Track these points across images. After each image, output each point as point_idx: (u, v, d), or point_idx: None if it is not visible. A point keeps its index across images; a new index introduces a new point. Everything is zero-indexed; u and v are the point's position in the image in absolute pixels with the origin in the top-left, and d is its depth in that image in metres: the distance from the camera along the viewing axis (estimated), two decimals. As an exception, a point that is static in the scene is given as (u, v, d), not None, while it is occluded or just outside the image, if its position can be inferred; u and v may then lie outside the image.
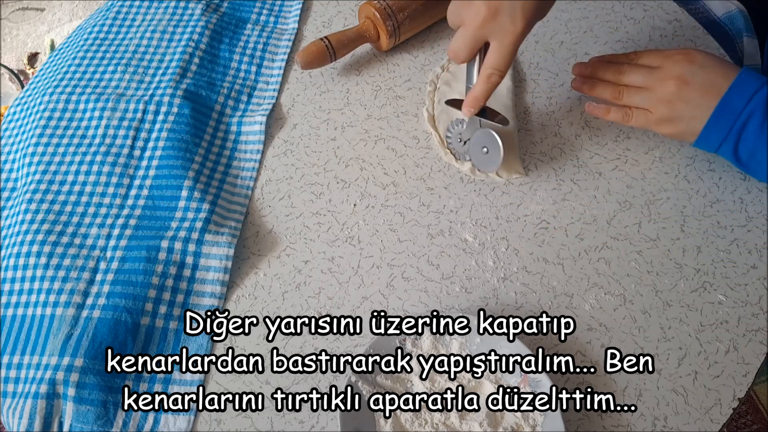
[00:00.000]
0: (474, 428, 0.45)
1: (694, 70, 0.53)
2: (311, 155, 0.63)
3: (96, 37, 0.71)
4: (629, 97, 0.57)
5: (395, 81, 0.69)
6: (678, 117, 0.54)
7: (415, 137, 0.64)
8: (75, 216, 0.57)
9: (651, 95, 0.55)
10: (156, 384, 0.49)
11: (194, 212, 0.56)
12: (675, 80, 0.53)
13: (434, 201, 0.59)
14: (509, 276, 0.55)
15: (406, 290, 0.54)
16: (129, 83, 0.67)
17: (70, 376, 0.47)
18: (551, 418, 0.45)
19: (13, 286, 0.54)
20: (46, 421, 0.47)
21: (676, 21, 0.72)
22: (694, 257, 0.55)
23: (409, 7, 0.67)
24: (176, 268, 0.53)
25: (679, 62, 0.54)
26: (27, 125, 0.65)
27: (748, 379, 0.49)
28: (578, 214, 0.58)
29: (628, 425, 0.47)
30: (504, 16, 0.49)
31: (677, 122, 0.54)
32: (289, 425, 0.48)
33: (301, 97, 0.68)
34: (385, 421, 0.46)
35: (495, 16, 0.49)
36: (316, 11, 0.76)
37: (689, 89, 0.53)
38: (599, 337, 0.51)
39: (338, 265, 0.56)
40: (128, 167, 0.60)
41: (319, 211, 0.59)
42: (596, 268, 0.55)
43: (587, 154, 0.62)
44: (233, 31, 0.72)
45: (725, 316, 0.52)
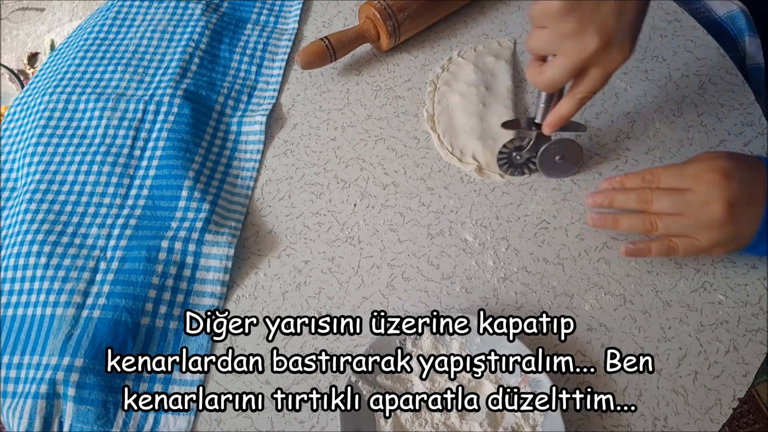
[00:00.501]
0: (474, 428, 0.46)
1: (736, 188, 0.48)
2: (311, 155, 0.63)
3: (96, 37, 0.71)
4: (666, 227, 0.51)
5: (395, 81, 0.69)
6: (733, 238, 0.50)
7: (415, 137, 0.64)
8: (75, 216, 0.57)
9: (693, 222, 0.50)
10: (156, 384, 0.49)
11: (194, 212, 0.56)
12: (721, 204, 0.48)
13: (434, 201, 0.59)
14: (509, 276, 0.55)
15: (406, 290, 0.54)
16: (129, 83, 0.67)
17: (70, 376, 0.47)
18: (551, 418, 0.45)
19: (13, 286, 0.54)
20: (46, 421, 0.47)
21: (676, 21, 0.72)
22: (694, 257, 0.55)
23: (409, 7, 0.67)
24: (176, 268, 0.53)
25: (714, 183, 0.49)
26: (27, 125, 0.65)
27: (748, 379, 0.49)
28: (578, 214, 0.58)
29: (628, 425, 0.47)
30: (615, 46, 0.45)
31: (731, 243, 0.50)
32: (289, 425, 0.48)
33: (301, 97, 0.68)
34: (385, 421, 0.46)
35: (606, 47, 0.45)
36: (316, 11, 0.76)
37: (738, 210, 0.48)
38: (599, 337, 0.51)
39: (338, 265, 0.56)
40: (128, 167, 0.60)
41: (319, 211, 0.59)
42: (596, 268, 0.55)
43: (587, 154, 0.62)
44: (233, 31, 0.72)
45: (725, 316, 0.52)
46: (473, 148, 0.62)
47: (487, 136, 0.62)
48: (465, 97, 0.65)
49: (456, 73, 0.68)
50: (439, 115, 0.65)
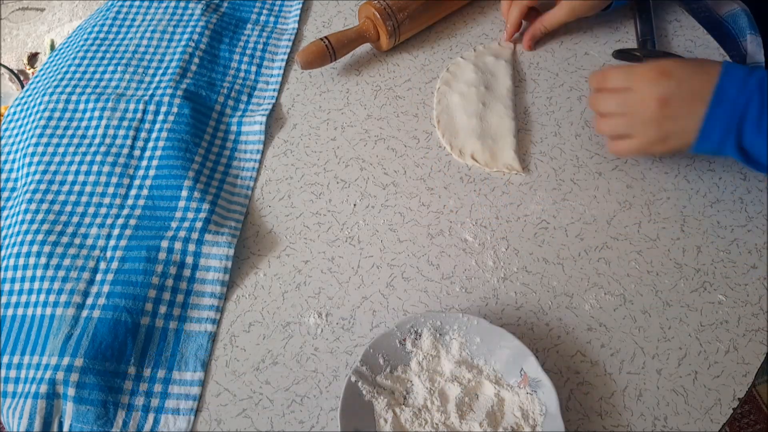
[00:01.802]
0: (474, 428, 0.45)
1: (671, 85, 0.51)
2: (311, 155, 0.63)
3: (96, 37, 0.71)
4: (609, 126, 0.55)
5: (395, 81, 0.69)
6: (668, 135, 0.52)
7: (415, 137, 0.64)
8: (75, 216, 0.57)
9: (633, 120, 0.53)
10: (156, 384, 0.49)
11: (194, 212, 0.56)
12: (654, 101, 0.51)
13: (434, 201, 0.59)
14: (509, 276, 0.55)
15: (406, 290, 0.54)
16: (129, 83, 0.67)
17: (70, 376, 0.47)
18: (551, 418, 0.45)
19: (13, 286, 0.54)
20: (46, 421, 0.47)
21: (676, 21, 0.72)
22: (694, 257, 0.55)
23: (409, 7, 0.67)
24: (176, 268, 0.53)
25: (652, 80, 0.51)
26: (27, 125, 0.65)
27: (748, 379, 0.49)
28: (578, 214, 0.58)
29: (628, 425, 0.47)
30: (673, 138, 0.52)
31: (668, 140, 0.52)
32: (289, 425, 0.48)
33: (301, 97, 0.68)
34: (385, 421, 0.46)
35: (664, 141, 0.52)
36: (316, 11, 0.76)
37: (672, 106, 0.50)
38: (599, 337, 0.51)
39: (338, 265, 0.56)
40: (128, 167, 0.60)
41: (319, 211, 0.59)
42: (596, 268, 0.55)
43: (587, 154, 0.62)
44: (233, 31, 0.72)
45: (725, 316, 0.52)
46: (473, 148, 0.62)
47: (487, 136, 0.62)
48: (465, 97, 0.65)
49: (456, 73, 0.68)
50: (439, 115, 0.65)
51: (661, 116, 0.51)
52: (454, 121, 0.64)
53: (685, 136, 0.51)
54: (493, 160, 0.61)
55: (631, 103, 0.53)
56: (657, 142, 0.52)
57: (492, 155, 0.61)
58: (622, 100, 0.53)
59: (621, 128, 0.54)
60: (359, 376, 0.47)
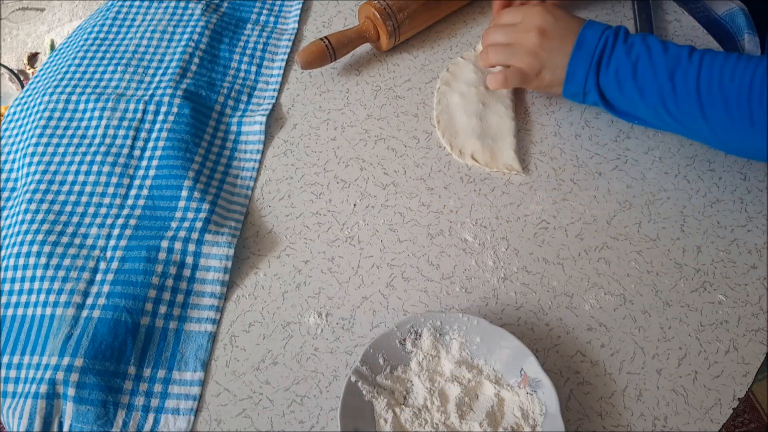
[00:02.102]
0: (474, 428, 0.45)
1: (551, 20, 0.56)
2: (311, 155, 0.63)
3: (96, 37, 0.71)
4: (497, 56, 0.59)
5: (395, 81, 0.69)
6: (544, 66, 0.57)
7: (415, 137, 0.64)
8: (75, 216, 0.57)
9: (517, 50, 0.58)
10: (156, 384, 0.49)
11: (194, 212, 0.56)
12: (535, 31, 0.56)
13: (434, 201, 0.59)
14: (509, 276, 0.55)
15: (406, 290, 0.54)
16: (129, 83, 0.67)
17: (70, 376, 0.47)
18: (551, 418, 0.45)
19: (13, 286, 0.54)
20: (46, 421, 0.47)
21: (676, 21, 0.72)
22: (694, 257, 0.55)
23: (409, 7, 0.67)
24: (176, 268, 0.53)
25: (538, 14, 0.57)
26: (27, 125, 0.65)
27: (748, 379, 0.49)
28: (578, 214, 0.58)
29: (628, 425, 0.47)
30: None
31: (544, 72, 0.57)
32: (289, 425, 0.48)
33: (301, 97, 0.68)
34: (385, 421, 0.46)
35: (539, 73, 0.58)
36: (316, 11, 0.76)
37: (549, 39, 0.56)
38: (599, 337, 0.51)
39: (338, 265, 0.56)
40: (128, 167, 0.60)
41: (319, 211, 0.59)
42: (596, 268, 0.55)
43: (587, 154, 0.62)
44: (233, 31, 0.72)
45: (725, 316, 0.52)
46: (473, 148, 0.62)
47: (487, 136, 0.62)
48: (465, 97, 0.65)
49: (456, 73, 0.68)
50: (439, 115, 0.65)
51: (539, 46, 0.56)
52: (454, 121, 0.64)
53: (557, 72, 0.57)
54: (493, 160, 0.61)
55: (516, 36, 0.58)
56: (532, 71, 0.58)
57: (492, 155, 0.61)
58: (510, 32, 0.59)
59: (503, 56, 0.59)
60: (359, 376, 0.47)
